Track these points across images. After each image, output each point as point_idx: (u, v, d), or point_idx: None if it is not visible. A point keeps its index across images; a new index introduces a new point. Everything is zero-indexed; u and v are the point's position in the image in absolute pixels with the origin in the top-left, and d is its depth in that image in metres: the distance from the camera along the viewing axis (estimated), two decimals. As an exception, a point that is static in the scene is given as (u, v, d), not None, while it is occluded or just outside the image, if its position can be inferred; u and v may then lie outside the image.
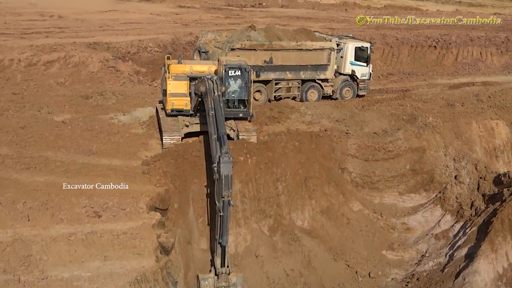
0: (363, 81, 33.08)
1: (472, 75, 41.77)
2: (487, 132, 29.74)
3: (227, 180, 17.36)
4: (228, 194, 17.43)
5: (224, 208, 17.67)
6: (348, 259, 23.95)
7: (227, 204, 17.61)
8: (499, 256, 22.61)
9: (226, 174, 17.34)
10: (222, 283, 19.10)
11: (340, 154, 26.18)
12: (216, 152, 18.29)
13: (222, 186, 17.36)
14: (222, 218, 17.89)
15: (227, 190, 17.39)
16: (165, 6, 57.92)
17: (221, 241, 18.40)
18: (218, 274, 19.00)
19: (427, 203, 26.40)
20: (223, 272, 18.94)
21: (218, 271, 18.97)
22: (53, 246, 17.03)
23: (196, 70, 24.17)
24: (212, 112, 19.85)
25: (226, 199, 17.49)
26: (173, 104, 23.62)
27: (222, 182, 17.35)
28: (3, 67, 32.14)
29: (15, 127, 23.79)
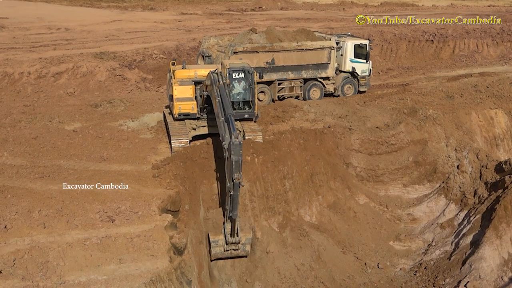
0: (363, 78, 33.27)
1: (470, 67, 41.97)
2: (487, 121, 29.99)
3: (237, 164, 18.54)
4: (238, 177, 18.57)
5: (235, 189, 18.89)
6: (356, 251, 24.30)
7: (238, 185, 18.75)
8: (504, 242, 22.89)
9: (236, 159, 18.45)
10: (231, 246, 21.13)
11: (344, 150, 26.55)
12: (224, 132, 19.38)
13: (233, 170, 18.51)
14: (233, 197, 19.17)
15: (237, 173, 18.57)
16: (168, 14, 58.24)
17: (231, 215, 19.80)
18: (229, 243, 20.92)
19: (431, 193, 26.73)
20: (233, 241, 20.91)
21: (228, 240, 20.86)
22: (69, 251, 17.28)
23: (200, 74, 24.47)
24: (219, 98, 20.58)
25: (236, 181, 18.66)
26: (180, 109, 23.94)
27: (232, 166, 18.50)
28: (14, 80, 32.57)
29: (28, 138, 24.23)
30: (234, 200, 19.31)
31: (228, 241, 21.00)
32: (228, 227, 20.82)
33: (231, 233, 20.84)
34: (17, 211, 18.34)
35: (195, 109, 24.13)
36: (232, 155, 18.48)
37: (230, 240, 20.92)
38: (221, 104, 20.35)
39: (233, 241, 20.93)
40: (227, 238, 20.96)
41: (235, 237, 20.90)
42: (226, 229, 20.95)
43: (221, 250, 21.47)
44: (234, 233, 20.82)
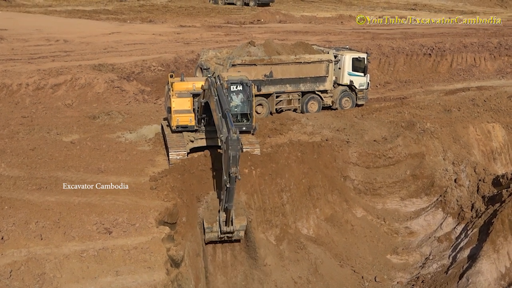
0: (361, 91, 33.33)
1: (467, 81, 42.09)
2: (484, 135, 30.05)
3: (234, 159, 18.86)
4: (235, 171, 18.86)
5: (231, 182, 19.18)
6: (353, 264, 24.24)
7: (234, 179, 19.03)
8: (501, 256, 22.94)
9: (234, 154, 18.78)
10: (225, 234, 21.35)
11: (342, 163, 26.58)
12: (222, 127, 19.83)
13: (230, 164, 18.81)
14: (229, 189, 19.47)
15: (234, 167, 18.85)
16: (166, 26, 58.38)
17: (227, 206, 20.12)
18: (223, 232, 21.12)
19: (428, 207, 26.77)
20: (228, 230, 21.09)
21: (223, 230, 21.09)
22: (66, 263, 17.34)
23: (198, 87, 24.51)
24: (216, 98, 20.88)
25: (233, 175, 18.93)
26: (177, 121, 23.99)
27: (230, 160, 18.79)
28: (12, 91, 32.60)
29: (26, 149, 24.26)
30: (230, 192, 19.62)
31: (222, 231, 21.14)
32: (223, 216, 20.91)
33: (226, 222, 20.98)
34: (14, 223, 18.33)
35: (193, 121, 24.20)
36: (229, 149, 18.78)
37: (224, 229, 21.08)
38: (218, 102, 20.66)
39: (227, 230, 21.08)
40: (222, 227, 21.08)
41: (229, 227, 21.04)
42: (221, 217, 21.02)
43: (215, 236, 21.61)
44: (229, 222, 20.99)
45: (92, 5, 77.35)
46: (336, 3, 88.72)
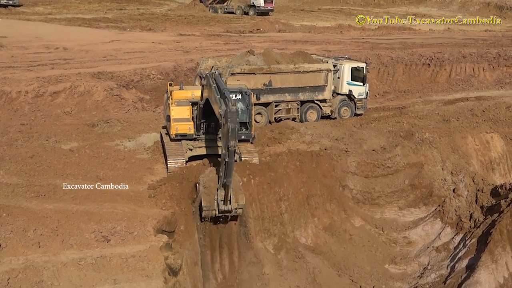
0: (360, 100, 33.37)
1: (466, 91, 42.13)
2: (483, 145, 30.09)
3: (233, 132, 18.86)
4: (234, 144, 18.87)
5: (230, 156, 19.10)
6: (352, 274, 24.21)
7: (233, 152, 19.02)
8: (499, 266, 22.96)
9: (232, 127, 18.81)
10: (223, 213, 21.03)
11: (341, 172, 26.57)
12: (220, 104, 19.67)
13: (229, 137, 18.81)
14: (228, 164, 19.32)
15: (233, 141, 18.86)
16: (166, 35, 58.52)
17: (226, 181, 19.86)
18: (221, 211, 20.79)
19: (427, 216, 26.76)
20: (226, 209, 20.77)
21: (221, 208, 20.75)
22: (64, 271, 17.27)
23: (197, 95, 24.58)
24: (214, 84, 20.97)
25: (232, 149, 18.91)
26: (177, 129, 24.03)
27: (229, 133, 18.78)
28: (11, 99, 32.59)
29: (24, 157, 24.22)
30: (229, 167, 19.45)
31: (220, 209, 20.85)
32: (221, 194, 20.67)
33: (224, 200, 20.74)
34: (12, 230, 18.27)
35: (192, 130, 24.22)
36: (228, 122, 18.79)
37: (222, 208, 20.79)
38: (217, 87, 20.71)
39: (225, 209, 20.82)
40: (220, 206, 20.81)
41: (227, 205, 20.79)
42: (219, 196, 20.75)
43: (213, 214, 21.36)
44: (227, 201, 20.73)
45: (92, 13, 77.65)
46: (336, 13, 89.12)
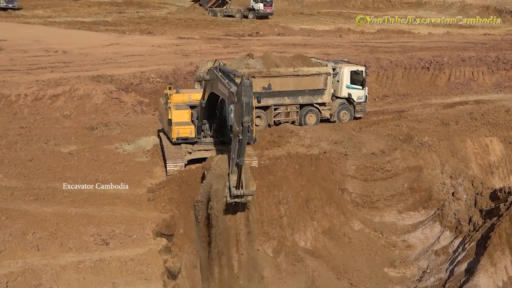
0: (359, 104, 33.44)
1: (465, 94, 42.22)
2: (482, 149, 30.05)
3: (248, 106, 18.54)
4: (248, 120, 18.54)
5: (244, 133, 18.75)
6: (351, 277, 24.18)
7: (247, 129, 18.67)
8: (498, 270, 22.98)
9: (247, 101, 18.51)
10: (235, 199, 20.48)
11: (340, 175, 26.59)
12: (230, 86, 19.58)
13: (243, 112, 18.47)
14: (241, 142, 18.96)
15: (247, 116, 18.54)
16: (165, 38, 58.55)
17: (238, 161, 19.44)
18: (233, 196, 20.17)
19: (426, 220, 26.74)
20: (238, 194, 20.13)
21: (233, 193, 20.15)
22: (63, 274, 17.22)
23: (194, 98, 24.67)
24: (220, 74, 20.88)
25: (246, 124, 18.60)
26: (178, 133, 23.98)
27: (243, 108, 18.46)
28: (10, 102, 32.57)
29: (23, 160, 24.26)
30: (243, 145, 19.11)
31: (232, 194, 20.28)
32: (233, 179, 20.16)
33: (237, 184, 20.17)
34: (11, 233, 18.29)
35: (193, 133, 24.20)
36: (243, 96, 18.49)
37: (235, 193, 20.20)
38: (224, 75, 20.61)
39: (237, 193, 20.22)
40: (232, 191, 20.25)
41: (239, 190, 20.24)
42: (231, 181, 20.22)
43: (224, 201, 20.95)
44: (239, 184, 20.17)
45: (91, 17, 77.70)
46: (335, 16, 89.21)
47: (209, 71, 22.28)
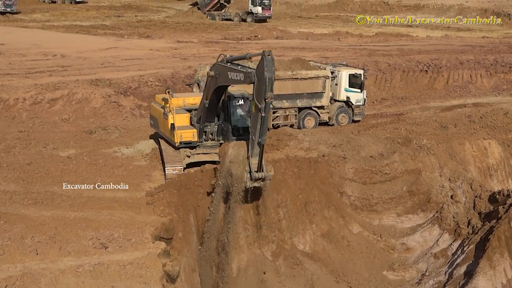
0: (358, 107, 33.47)
1: (464, 97, 42.27)
2: (480, 152, 30.03)
3: (270, 81, 18.71)
4: (271, 96, 18.72)
5: (266, 109, 18.90)
6: (350, 280, 24.18)
7: (269, 105, 18.88)
8: (497, 273, 22.94)
9: (269, 76, 18.67)
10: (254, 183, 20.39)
11: (338, 179, 26.55)
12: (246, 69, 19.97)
13: (266, 88, 18.58)
14: (264, 119, 19.08)
15: (270, 92, 18.69)
16: (164, 42, 58.57)
17: (261, 140, 19.48)
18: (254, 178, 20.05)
19: (425, 223, 26.70)
20: (259, 177, 20.05)
21: (254, 176, 20.03)
22: (62, 278, 17.25)
23: (188, 102, 24.66)
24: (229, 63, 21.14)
25: (269, 100, 18.74)
26: (181, 137, 23.86)
27: (265, 84, 18.59)
28: (8, 106, 32.58)
29: (22, 164, 24.29)
30: (265, 122, 19.22)
31: (253, 177, 20.09)
32: (253, 162, 20.00)
33: (258, 166, 20.01)
34: (10, 237, 18.31)
35: (195, 137, 24.09)
36: (265, 71, 18.60)
37: (255, 176, 20.05)
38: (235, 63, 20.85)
39: (259, 176, 20.08)
40: (253, 175, 20.08)
41: (261, 172, 20.11)
42: (252, 164, 20.05)
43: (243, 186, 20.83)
44: (260, 166, 20.02)
45: (90, 20, 77.75)
46: (333, 20, 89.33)
47: (214, 66, 22.26)
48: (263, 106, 18.88)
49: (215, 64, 22.21)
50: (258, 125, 19.32)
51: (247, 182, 20.33)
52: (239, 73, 20.33)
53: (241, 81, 20.44)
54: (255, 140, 19.65)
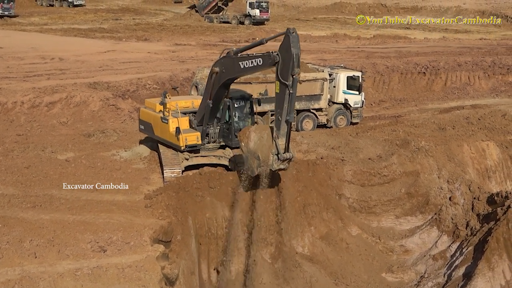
0: (356, 109, 33.54)
1: (462, 99, 42.31)
2: (479, 153, 30.10)
3: (297, 57, 18.89)
4: (298, 72, 18.92)
5: (294, 85, 19.03)
6: (348, 283, 24.19)
7: (297, 80, 18.99)
8: (496, 274, 22.97)
9: (296, 52, 18.87)
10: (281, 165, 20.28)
11: (337, 181, 26.59)
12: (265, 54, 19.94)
13: (293, 65, 18.74)
14: (291, 95, 19.14)
15: (297, 67, 18.86)
16: (162, 45, 58.58)
17: (289, 118, 19.48)
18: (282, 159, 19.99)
19: (423, 225, 26.74)
20: (287, 157, 20.02)
21: (281, 157, 19.94)
22: (60, 282, 17.25)
23: (180, 105, 24.51)
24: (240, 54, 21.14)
25: (296, 76, 18.88)
26: (186, 140, 23.61)
27: (293, 60, 18.75)
28: (7, 109, 32.54)
29: (20, 167, 24.22)
30: (292, 99, 19.28)
31: (281, 158, 19.99)
32: (280, 143, 19.92)
33: (286, 146, 19.95)
34: (8, 241, 18.27)
35: (199, 140, 23.95)
36: (292, 48, 18.77)
37: (284, 156, 19.99)
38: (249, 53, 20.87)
39: (287, 157, 20.06)
40: (281, 156, 19.99)
41: (288, 153, 20.07)
42: (279, 146, 19.92)
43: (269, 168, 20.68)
44: (288, 146, 19.98)
45: (88, 24, 77.70)
46: (331, 22, 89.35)
47: (218, 62, 22.14)
48: (291, 82, 19.01)
49: (219, 59, 22.09)
50: (285, 104, 19.34)
51: (273, 165, 20.25)
52: (255, 59, 20.38)
53: (259, 66, 20.49)
54: (282, 119, 19.60)
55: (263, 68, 20.75)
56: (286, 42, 19.06)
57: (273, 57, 19.54)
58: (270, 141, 20.29)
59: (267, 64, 19.94)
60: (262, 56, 20.06)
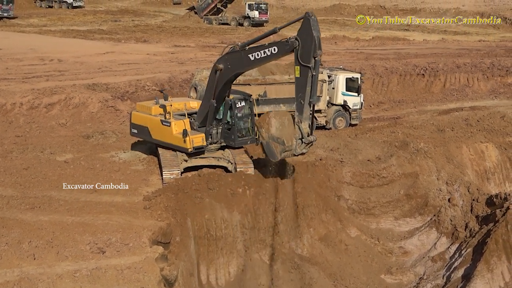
0: (355, 111, 33.59)
1: (461, 101, 42.36)
2: (478, 155, 30.14)
3: (318, 40, 19.26)
4: (320, 53, 19.24)
5: (316, 67, 19.31)
6: (348, 284, 24.13)
7: (319, 62, 19.32)
8: (495, 276, 22.94)
9: (317, 35, 19.23)
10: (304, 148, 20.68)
11: (336, 182, 26.58)
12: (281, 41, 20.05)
13: (314, 47, 19.08)
14: (314, 77, 19.37)
15: (319, 50, 19.20)
16: (161, 46, 58.60)
17: (312, 100, 19.78)
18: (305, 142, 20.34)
19: (422, 226, 26.71)
20: (311, 140, 20.37)
21: (305, 140, 20.28)
22: (59, 283, 17.22)
23: (175, 107, 24.48)
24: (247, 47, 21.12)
25: (318, 58, 19.19)
26: (193, 142, 23.46)
27: (314, 42, 19.05)
28: (6, 111, 32.55)
29: (19, 169, 24.20)
30: (315, 82, 19.42)
31: (305, 141, 20.36)
32: (304, 126, 20.17)
33: (311, 129, 20.25)
34: (7, 242, 18.27)
35: (204, 141, 23.85)
36: (313, 31, 19.05)
37: (308, 139, 20.35)
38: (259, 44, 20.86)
39: (311, 139, 20.41)
40: (305, 139, 20.32)
41: (312, 136, 20.38)
42: (302, 129, 20.21)
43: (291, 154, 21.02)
44: (312, 129, 20.29)
45: (87, 25, 77.68)
46: (330, 24, 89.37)
47: (221, 58, 22.05)
48: (313, 64, 19.23)
49: (223, 56, 22.00)
50: (308, 86, 19.52)
51: (297, 149, 20.52)
52: (269, 48, 20.37)
53: (273, 55, 20.53)
54: (305, 102, 19.80)
55: (277, 56, 20.78)
56: (306, 26, 19.28)
57: (291, 43, 19.68)
58: (292, 126, 20.50)
59: (284, 51, 20.05)
60: (278, 43, 20.11)
